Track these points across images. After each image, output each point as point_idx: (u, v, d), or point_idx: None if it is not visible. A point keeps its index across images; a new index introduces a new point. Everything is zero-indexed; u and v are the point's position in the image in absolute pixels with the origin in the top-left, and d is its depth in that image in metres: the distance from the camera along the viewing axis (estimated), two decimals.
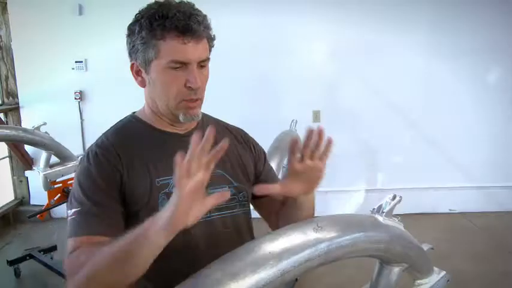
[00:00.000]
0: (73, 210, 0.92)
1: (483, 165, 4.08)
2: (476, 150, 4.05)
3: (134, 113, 1.13)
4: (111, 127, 1.10)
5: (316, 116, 3.99)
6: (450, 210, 4.14)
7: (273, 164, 2.03)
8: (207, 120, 1.16)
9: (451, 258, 2.99)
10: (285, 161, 2.86)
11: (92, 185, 0.95)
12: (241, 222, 1.11)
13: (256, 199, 1.16)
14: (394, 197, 0.97)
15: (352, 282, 1.86)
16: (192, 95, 1.00)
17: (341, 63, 3.96)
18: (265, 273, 0.69)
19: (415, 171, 4.02)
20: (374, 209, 0.94)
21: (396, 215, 0.98)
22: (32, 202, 4.22)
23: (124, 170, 0.97)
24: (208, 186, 1.01)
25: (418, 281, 1.08)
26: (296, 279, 3.09)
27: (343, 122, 3.95)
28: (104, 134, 1.07)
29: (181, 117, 1.03)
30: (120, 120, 1.12)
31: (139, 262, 0.77)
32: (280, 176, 1.74)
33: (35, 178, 3.70)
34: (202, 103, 1.06)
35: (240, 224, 1.12)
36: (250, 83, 3.93)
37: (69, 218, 0.93)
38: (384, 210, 0.93)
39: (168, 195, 0.95)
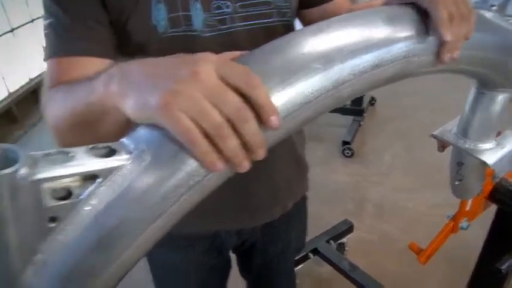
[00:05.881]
0: (46, 22, 0.65)
1: None
2: None
3: None
4: None
5: None
6: None
7: None
8: None
9: None
10: None
11: None
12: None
13: (307, 8, 0.82)
14: None
15: (424, 125, 1.50)
16: None
17: None
18: (304, 84, 0.41)
19: None
20: (477, 1, 0.60)
21: (510, 16, 0.64)
22: None
23: None
24: None
25: None
26: (361, 113, 2.95)
27: None
28: None
29: None
30: None
31: (101, 128, 0.48)
32: None
33: None
34: None
35: None
36: None
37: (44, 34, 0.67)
38: (495, 3, 0.59)
39: None
